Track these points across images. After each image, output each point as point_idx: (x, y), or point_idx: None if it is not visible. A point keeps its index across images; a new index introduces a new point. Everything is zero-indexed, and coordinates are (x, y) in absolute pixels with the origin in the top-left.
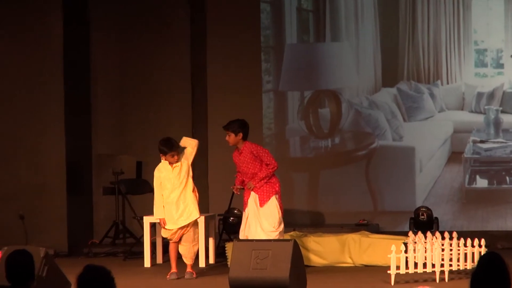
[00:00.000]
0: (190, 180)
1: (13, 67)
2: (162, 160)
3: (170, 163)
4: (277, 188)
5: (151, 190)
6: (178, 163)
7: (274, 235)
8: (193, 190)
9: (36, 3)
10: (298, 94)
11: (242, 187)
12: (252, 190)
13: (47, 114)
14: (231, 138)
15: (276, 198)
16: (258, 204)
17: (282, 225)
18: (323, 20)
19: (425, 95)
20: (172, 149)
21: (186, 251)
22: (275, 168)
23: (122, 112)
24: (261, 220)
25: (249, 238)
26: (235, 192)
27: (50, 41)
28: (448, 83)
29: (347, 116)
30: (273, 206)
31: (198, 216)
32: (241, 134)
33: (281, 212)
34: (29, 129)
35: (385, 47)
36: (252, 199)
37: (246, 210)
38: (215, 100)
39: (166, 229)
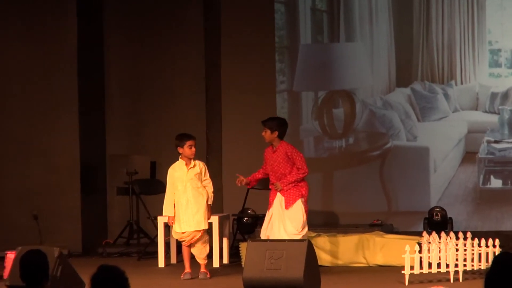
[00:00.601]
0: (205, 190)
1: (27, 67)
2: (179, 159)
3: (187, 163)
4: (303, 192)
5: (165, 190)
6: (195, 165)
7: (296, 238)
8: (207, 200)
9: (50, 3)
10: (312, 94)
11: (248, 183)
12: (279, 191)
13: (61, 114)
14: (267, 134)
15: (302, 202)
16: (284, 206)
17: (306, 229)
18: (337, 20)
19: (439, 95)
20: (191, 138)
21: (198, 251)
22: (306, 174)
23: (136, 112)
24: (285, 222)
25: (271, 238)
26: (237, 181)
27: (64, 41)
28: (462, 83)
29: (361, 116)
30: (298, 209)
31: (206, 227)
32: (276, 133)
33: (306, 216)
34: (43, 129)
35: (399, 47)
36: (278, 200)
37: (270, 210)
38: (229, 100)
39: (176, 231)
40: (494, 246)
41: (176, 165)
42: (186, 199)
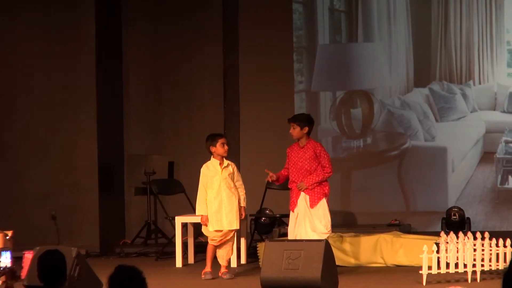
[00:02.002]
0: (237, 190)
1: (47, 68)
2: (211, 159)
3: (221, 163)
4: (326, 191)
5: (183, 190)
6: (228, 164)
7: (325, 236)
8: (240, 202)
9: (69, 4)
10: (330, 94)
11: (277, 179)
12: (303, 191)
13: (80, 114)
14: (296, 131)
15: (325, 201)
16: (309, 205)
17: (331, 227)
18: (356, 20)
19: (457, 95)
20: (222, 136)
21: (225, 252)
22: (331, 174)
23: (154, 112)
24: (314, 221)
25: (298, 238)
26: (268, 178)
27: (83, 41)
28: (480, 83)
29: (379, 116)
30: (324, 207)
31: (238, 228)
32: (306, 129)
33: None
34: (62, 129)
35: (417, 48)
36: (302, 199)
37: (295, 210)
38: (247, 100)
39: (209, 230)
40: None
41: (210, 164)
42: (220, 199)
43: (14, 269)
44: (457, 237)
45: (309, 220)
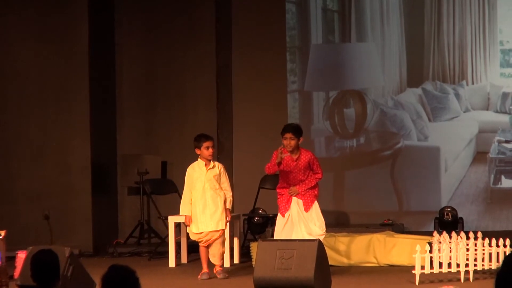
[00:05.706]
0: (222, 192)
1: (39, 69)
2: (198, 159)
3: (206, 164)
4: (316, 193)
5: (176, 190)
6: (214, 166)
7: (322, 238)
8: (225, 203)
9: (61, 5)
10: (323, 94)
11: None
12: (295, 196)
13: (73, 114)
14: (293, 142)
15: (317, 203)
16: (303, 209)
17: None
18: (349, 20)
19: (450, 95)
20: (208, 139)
21: (215, 250)
22: (321, 178)
23: (147, 112)
24: (309, 224)
25: None
26: (283, 152)
27: (76, 42)
28: (473, 83)
29: (372, 116)
30: (317, 210)
31: (224, 228)
32: (302, 139)
33: None
34: (55, 129)
35: (410, 47)
36: (295, 204)
37: (285, 214)
38: (240, 100)
39: (193, 232)
40: (504, 246)
41: (196, 165)
42: (204, 200)
43: (5, 267)
44: (450, 237)
45: (304, 224)
